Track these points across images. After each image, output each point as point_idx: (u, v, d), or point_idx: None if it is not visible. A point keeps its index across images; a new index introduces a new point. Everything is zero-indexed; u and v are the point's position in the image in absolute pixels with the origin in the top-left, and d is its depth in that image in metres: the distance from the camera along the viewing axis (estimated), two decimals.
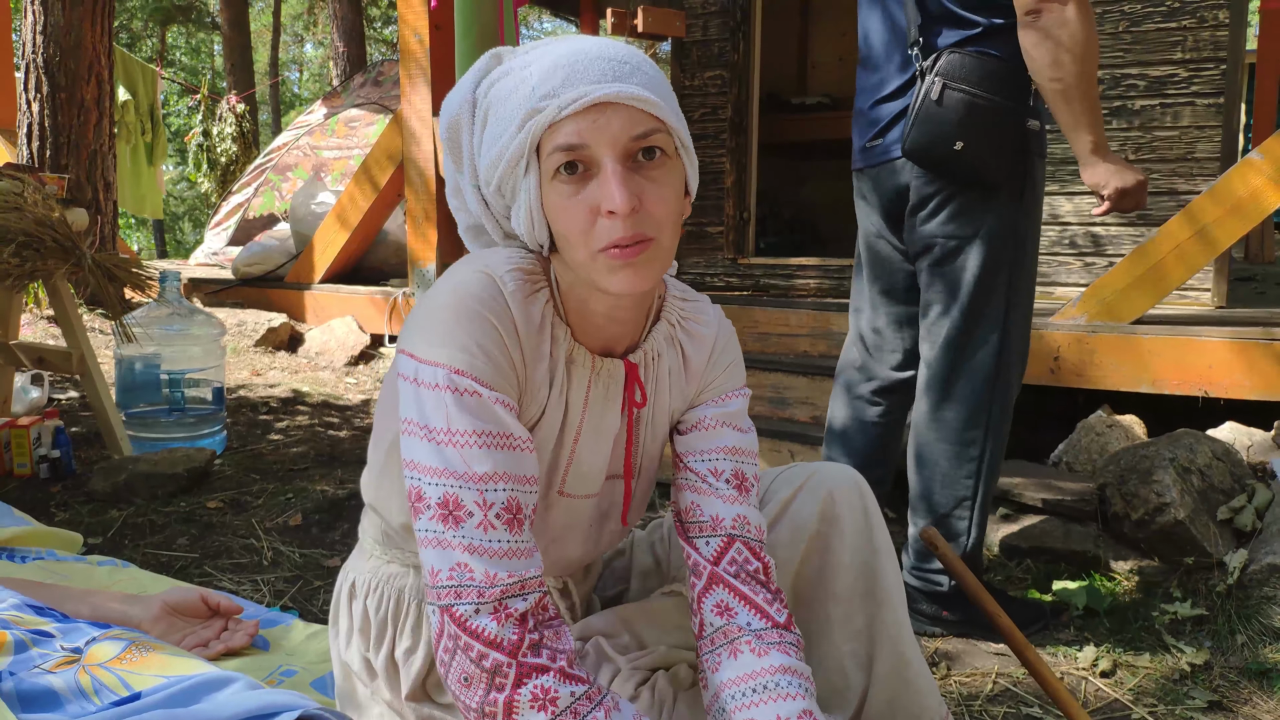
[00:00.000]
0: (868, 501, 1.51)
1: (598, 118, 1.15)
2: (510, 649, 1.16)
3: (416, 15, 5.25)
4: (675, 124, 1.21)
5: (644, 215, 1.17)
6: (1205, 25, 4.50)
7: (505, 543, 1.19)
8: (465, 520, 1.18)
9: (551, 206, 1.20)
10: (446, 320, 1.20)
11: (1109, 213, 2.39)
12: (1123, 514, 2.95)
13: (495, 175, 1.23)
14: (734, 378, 1.46)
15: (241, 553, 2.88)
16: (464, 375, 1.19)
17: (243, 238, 8.54)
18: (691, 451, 1.41)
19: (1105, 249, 4.76)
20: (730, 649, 1.32)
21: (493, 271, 1.23)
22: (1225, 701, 2.26)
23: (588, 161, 1.16)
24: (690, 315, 1.42)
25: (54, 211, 3.34)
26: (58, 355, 3.61)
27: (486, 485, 1.19)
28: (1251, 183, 3.48)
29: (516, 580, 1.18)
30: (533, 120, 1.17)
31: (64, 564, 2.13)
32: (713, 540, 1.37)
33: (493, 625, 1.16)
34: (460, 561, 1.18)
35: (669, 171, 1.20)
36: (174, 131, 18.82)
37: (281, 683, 1.69)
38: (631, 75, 1.18)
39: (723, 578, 1.35)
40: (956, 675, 2.38)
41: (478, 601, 1.17)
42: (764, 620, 1.33)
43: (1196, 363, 3.55)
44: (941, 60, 2.35)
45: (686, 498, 1.40)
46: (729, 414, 1.42)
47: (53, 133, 5.96)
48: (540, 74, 1.18)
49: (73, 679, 1.30)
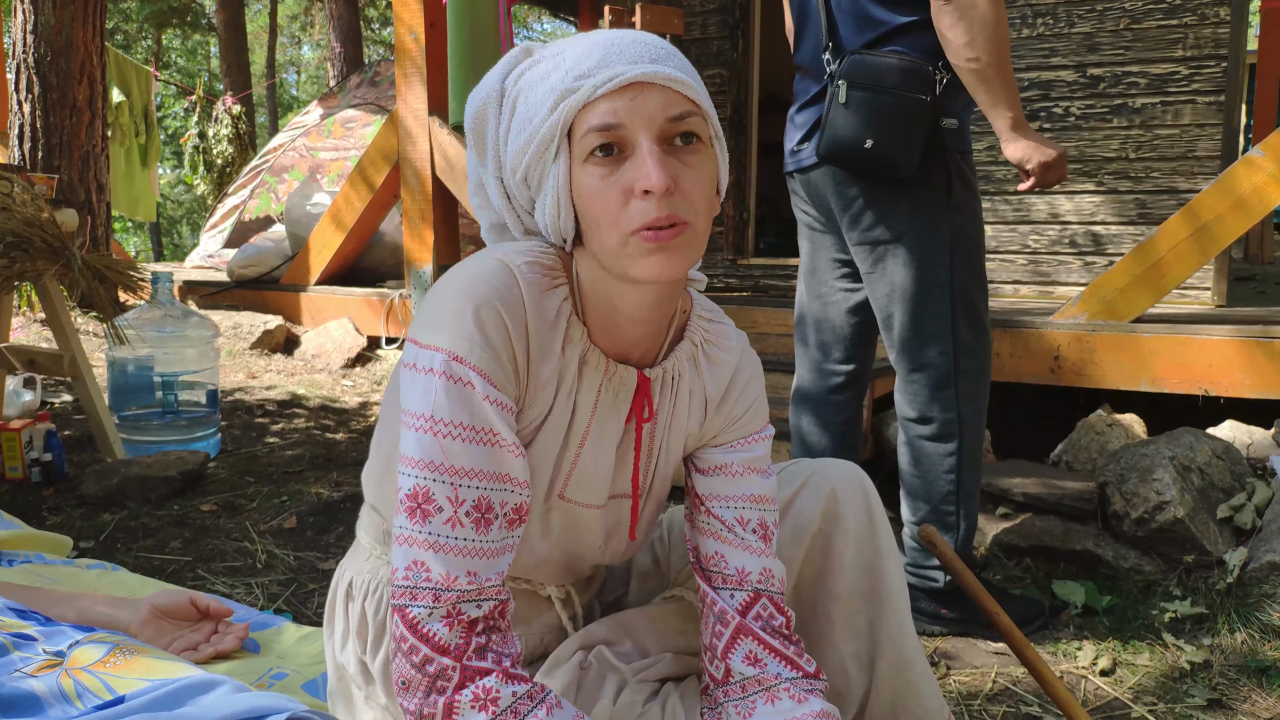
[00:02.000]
0: (871, 500, 1.49)
1: (635, 96, 1.13)
2: (457, 653, 1.14)
3: (412, 14, 5.23)
4: (709, 110, 1.19)
5: (680, 198, 1.14)
6: (1206, 23, 4.49)
7: (469, 541, 1.16)
8: (433, 515, 1.15)
9: (582, 191, 1.17)
10: (455, 306, 1.17)
11: (1034, 188, 2.43)
12: (1123, 512, 2.93)
13: (523, 162, 1.20)
14: (758, 419, 1.42)
15: (235, 556, 2.86)
16: (461, 362, 1.16)
17: (238, 240, 8.52)
18: (715, 496, 1.37)
19: (1105, 248, 4.74)
20: (767, 695, 1.31)
21: (510, 261, 1.20)
22: (1225, 699, 2.24)
23: (623, 143, 1.14)
24: (714, 339, 1.38)
25: (43, 212, 3.32)
26: (49, 358, 3.59)
27: (461, 480, 1.16)
28: (1252, 180, 3.46)
29: (475, 585, 1.16)
30: (566, 101, 1.14)
31: (52, 567, 2.11)
32: (738, 594, 1.34)
33: (444, 630, 1.14)
34: (418, 559, 1.15)
35: (704, 159, 1.18)
36: (170, 134, 18.82)
37: (272, 686, 1.67)
38: (668, 59, 1.16)
39: (751, 630, 1.33)
40: (956, 674, 2.36)
41: (431, 605, 1.14)
42: (796, 671, 1.32)
43: (1196, 361, 3.53)
44: (845, 63, 2.43)
45: (710, 545, 1.36)
46: (754, 459, 1.39)
47: (44, 133, 5.95)
48: (574, 58, 1.16)
49: (55, 683, 1.27)
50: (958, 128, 2.49)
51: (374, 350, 5.63)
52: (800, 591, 1.50)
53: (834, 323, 2.76)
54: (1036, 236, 4.88)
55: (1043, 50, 4.80)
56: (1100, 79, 4.70)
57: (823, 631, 1.49)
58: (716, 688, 1.35)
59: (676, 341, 1.35)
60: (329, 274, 6.11)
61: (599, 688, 1.36)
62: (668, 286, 1.23)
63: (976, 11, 2.28)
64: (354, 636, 1.42)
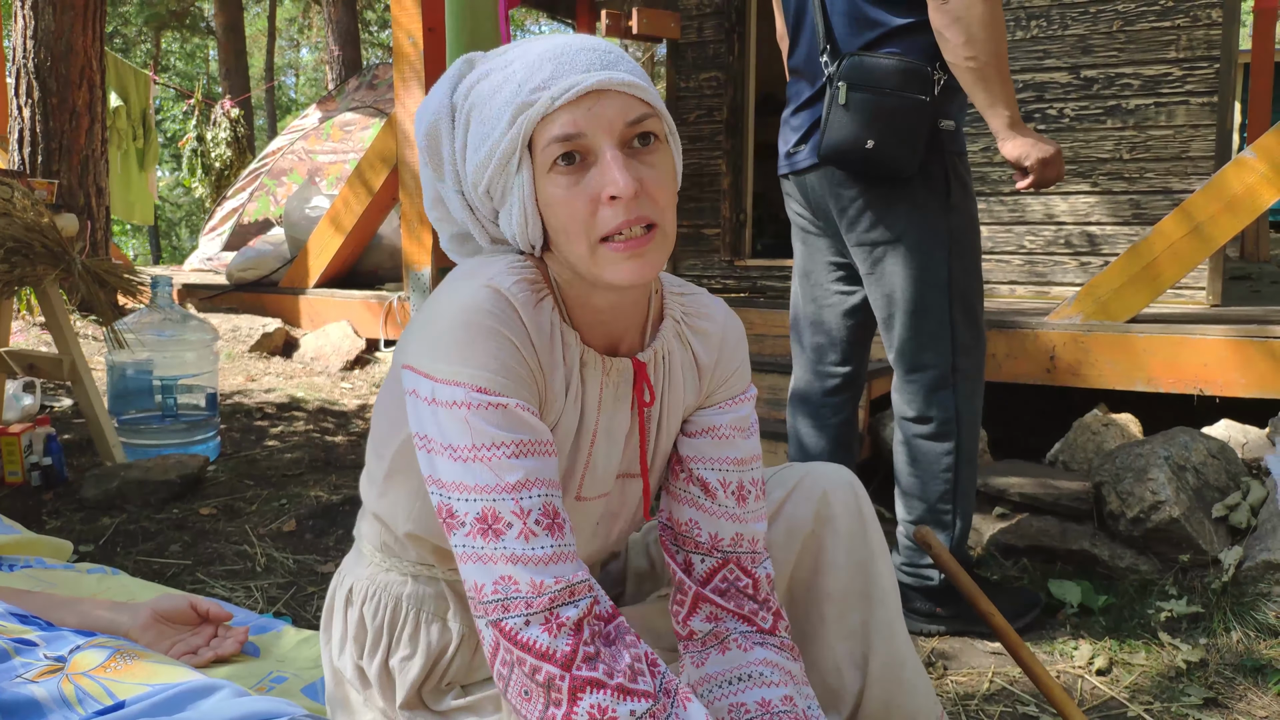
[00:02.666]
0: (862, 502, 1.51)
1: (593, 105, 1.15)
2: (563, 660, 1.13)
3: (410, 18, 5.24)
4: (662, 110, 1.22)
5: (646, 199, 1.16)
6: (1199, 24, 4.50)
7: (549, 548, 1.16)
8: (505, 532, 1.15)
9: (548, 200, 1.18)
10: (462, 339, 1.17)
11: (1031, 186, 2.44)
12: (1118, 512, 2.94)
13: (484, 177, 1.22)
14: (743, 378, 1.45)
15: (234, 559, 2.87)
16: (485, 393, 1.16)
17: (237, 243, 8.52)
18: (700, 459, 1.39)
19: (1100, 248, 4.75)
20: (720, 647, 1.35)
21: (498, 285, 1.20)
22: (1221, 698, 2.25)
23: (585, 151, 1.16)
24: (693, 310, 1.40)
25: (43, 217, 3.33)
26: (49, 362, 3.60)
27: (521, 493, 1.16)
28: (1246, 180, 3.48)
29: (564, 586, 1.15)
30: (524, 115, 1.16)
31: (52, 572, 2.12)
32: (707, 560, 1.36)
33: (544, 637, 1.13)
34: (504, 575, 1.15)
35: (663, 156, 1.21)
36: (169, 137, 18.82)
37: (272, 690, 1.68)
38: (618, 64, 1.18)
39: (708, 598, 1.36)
40: (953, 675, 2.37)
41: (526, 613, 1.14)
42: (749, 625, 1.36)
43: (1191, 361, 3.54)
44: (845, 64, 2.45)
45: (685, 512, 1.38)
46: (739, 419, 1.41)
47: (44, 138, 5.95)
48: (525, 69, 1.17)
49: (55, 688, 1.29)
50: (954, 129, 2.51)
51: (373, 353, 5.64)
52: (793, 592, 1.52)
53: (829, 325, 2.77)
54: (1032, 237, 4.90)
55: (1036, 52, 4.81)
56: (1094, 80, 4.71)
57: (816, 631, 1.51)
58: (680, 644, 1.39)
59: (659, 321, 1.37)
60: (328, 277, 6.12)
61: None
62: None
63: (974, 11, 2.31)
64: (351, 641, 1.42)
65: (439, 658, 1.39)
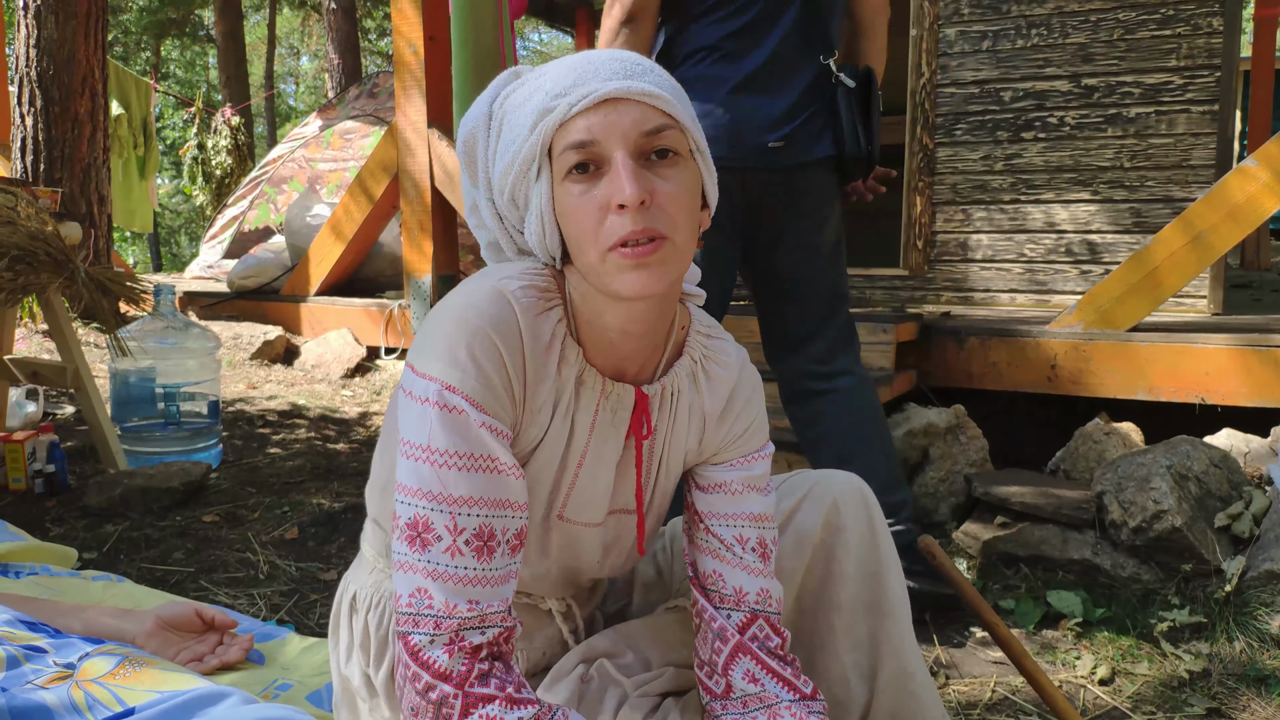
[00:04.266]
0: (873, 511, 1.50)
1: (609, 113, 1.14)
2: (458, 680, 1.14)
3: (411, 26, 5.25)
4: (689, 124, 1.19)
5: (656, 211, 1.14)
6: (1199, 32, 4.51)
7: (471, 570, 1.16)
8: (433, 544, 1.16)
9: (564, 209, 1.17)
10: (449, 334, 1.18)
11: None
12: (1120, 521, 2.95)
13: (508, 183, 1.22)
14: (758, 436, 1.42)
15: (237, 566, 2.87)
16: (454, 392, 1.16)
17: (238, 251, 8.52)
18: (715, 514, 1.38)
19: (1101, 257, 4.76)
20: (769, 713, 1.32)
21: (504, 287, 1.20)
22: (1224, 708, 2.25)
23: (599, 159, 1.15)
24: (713, 355, 1.37)
25: (47, 225, 3.34)
26: (52, 370, 3.60)
27: (460, 509, 1.16)
28: (1247, 189, 3.48)
29: (476, 613, 1.16)
30: (544, 120, 1.16)
31: (58, 579, 2.12)
32: (735, 614, 1.35)
33: (444, 658, 1.14)
34: (421, 587, 1.16)
35: (683, 171, 1.18)
36: (169, 145, 18.83)
37: (277, 697, 1.69)
38: (644, 75, 1.17)
39: (749, 649, 1.35)
40: (955, 684, 2.37)
41: (433, 632, 1.15)
42: (793, 693, 1.34)
43: (1193, 370, 3.55)
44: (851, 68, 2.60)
45: (708, 564, 1.37)
46: (754, 477, 1.39)
47: (46, 146, 5.97)
48: (554, 79, 1.18)
49: (66, 695, 1.29)
50: None
51: (374, 360, 5.64)
52: (802, 602, 1.51)
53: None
54: (1032, 245, 4.90)
55: (1037, 61, 4.82)
56: (1095, 89, 4.72)
57: (824, 642, 1.50)
58: (715, 700, 1.36)
59: (675, 357, 1.35)
60: (328, 285, 6.13)
61: (600, 702, 1.37)
62: (657, 301, 1.23)
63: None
64: (358, 649, 1.42)
65: None
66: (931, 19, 5.03)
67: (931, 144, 5.09)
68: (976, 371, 3.94)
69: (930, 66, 5.06)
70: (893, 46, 6.95)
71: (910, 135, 5.17)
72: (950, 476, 3.48)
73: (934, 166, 5.10)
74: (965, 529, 3.21)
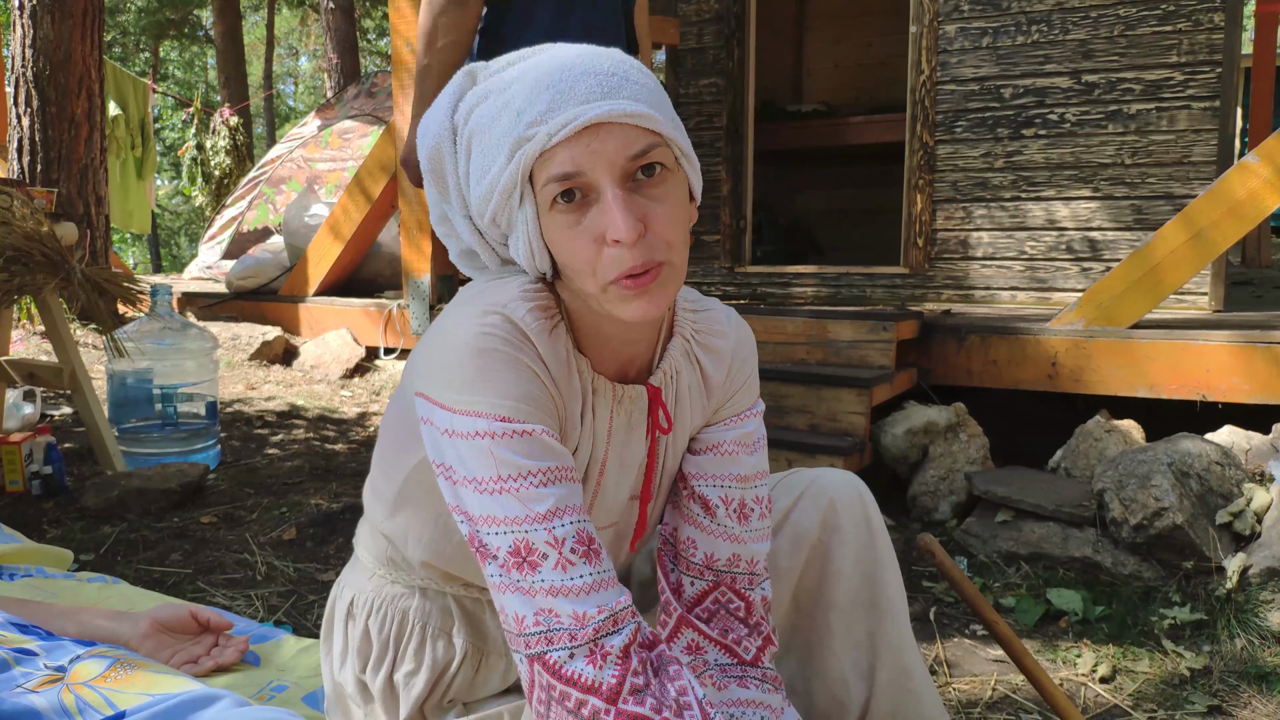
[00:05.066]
0: (870, 510, 1.50)
1: (591, 141, 1.08)
2: (609, 694, 1.08)
3: (409, 25, 5.24)
4: (673, 134, 1.14)
5: (651, 239, 1.10)
6: (1200, 29, 4.50)
7: (588, 576, 1.12)
8: (541, 564, 1.11)
9: (553, 237, 1.14)
10: (481, 368, 1.13)
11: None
12: (1121, 519, 2.93)
13: (489, 208, 1.17)
14: (751, 392, 1.40)
15: (235, 568, 2.86)
16: (508, 421, 1.12)
17: (237, 251, 8.53)
18: (702, 475, 1.36)
19: (1102, 254, 4.75)
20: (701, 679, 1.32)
21: (511, 313, 1.16)
22: (1225, 706, 2.24)
23: (585, 188, 1.10)
24: (704, 327, 1.36)
25: (43, 226, 3.33)
26: (49, 371, 3.60)
27: (553, 522, 1.12)
28: (1248, 185, 3.47)
29: (608, 615, 1.11)
30: (521, 150, 1.10)
31: (53, 581, 2.11)
32: (698, 582, 1.34)
33: (589, 669, 1.09)
34: (545, 607, 1.11)
35: (672, 186, 1.14)
36: (168, 146, 18.83)
37: (272, 699, 1.68)
38: (621, 89, 1.10)
39: (692, 623, 1.33)
40: (956, 682, 2.36)
41: (571, 645, 1.10)
42: (730, 657, 1.32)
43: (1194, 367, 3.54)
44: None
45: (685, 530, 1.36)
46: (745, 435, 1.37)
47: (43, 147, 5.96)
48: (524, 96, 1.11)
49: (56, 698, 1.28)
50: None
51: (372, 360, 5.63)
52: (799, 601, 1.51)
53: None
54: (1033, 243, 4.89)
55: (1038, 57, 4.81)
56: (1095, 85, 4.71)
57: (822, 641, 1.50)
58: None
59: (668, 339, 1.33)
60: (327, 285, 6.12)
61: None
62: None
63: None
64: (354, 655, 1.40)
65: (443, 674, 1.37)
66: (931, 16, 5.02)
67: (932, 141, 5.08)
68: (977, 369, 3.93)
69: (930, 63, 5.05)
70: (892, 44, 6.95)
71: (910, 133, 5.16)
72: (950, 475, 3.47)
73: (934, 164, 5.09)
74: (966, 527, 3.20)
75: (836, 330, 3.86)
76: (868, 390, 3.51)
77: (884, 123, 6.31)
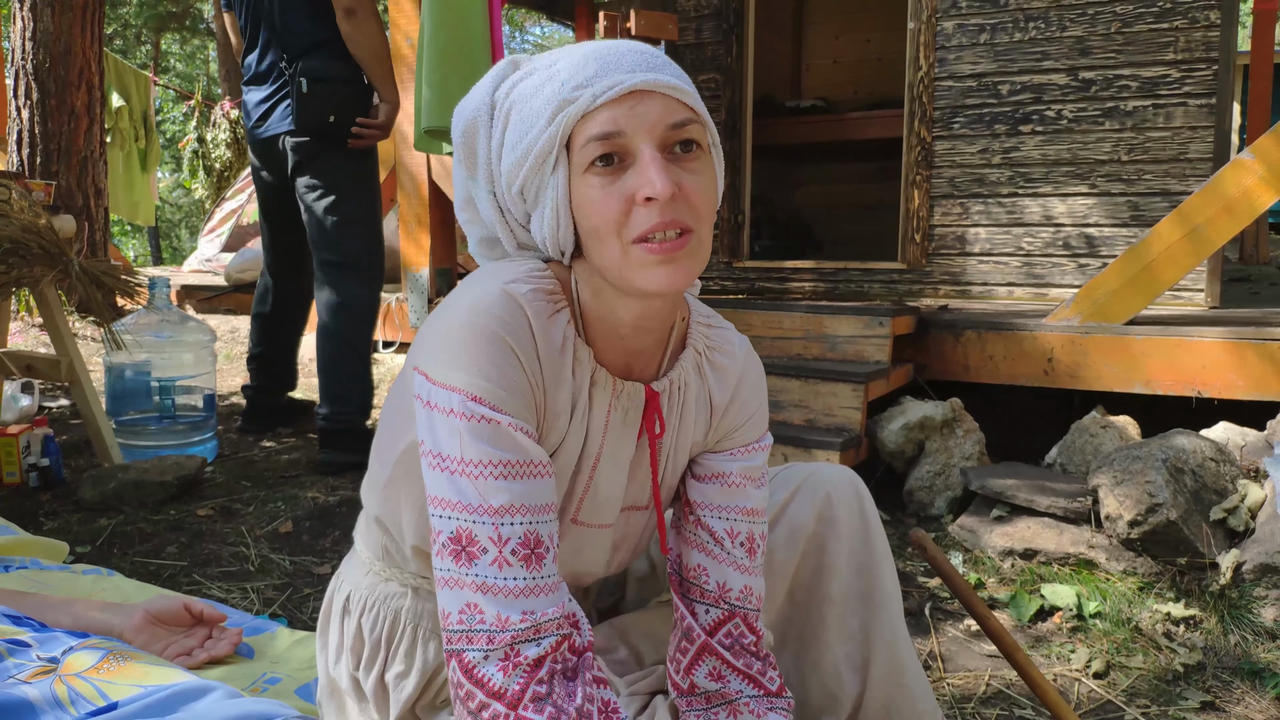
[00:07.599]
0: (865, 504, 1.50)
1: (635, 104, 1.11)
2: (511, 700, 1.09)
3: (408, 19, 5.23)
4: (708, 119, 1.18)
5: (683, 204, 1.12)
6: (1197, 26, 4.50)
7: (521, 580, 1.12)
8: (479, 557, 1.12)
9: (583, 202, 1.14)
10: (464, 341, 1.14)
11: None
12: (1116, 514, 2.94)
13: (520, 175, 1.18)
14: (759, 426, 1.40)
15: (231, 560, 2.86)
16: (480, 402, 1.13)
17: (236, 244, 8.52)
18: (708, 505, 1.35)
19: (1099, 250, 4.75)
20: (729, 709, 1.32)
21: (513, 290, 1.17)
22: (1218, 702, 2.25)
23: (623, 151, 1.12)
24: (716, 344, 1.36)
25: (40, 218, 3.33)
26: (47, 363, 3.60)
27: (502, 519, 1.12)
28: (1243, 182, 3.47)
29: (530, 624, 1.11)
30: (565, 111, 1.13)
31: (48, 573, 2.12)
32: (713, 610, 1.34)
33: (499, 675, 1.10)
34: (471, 602, 1.11)
35: (705, 165, 1.17)
36: (168, 138, 18.81)
37: (265, 690, 1.68)
38: (664, 67, 1.15)
39: (716, 650, 1.33)
40: (949, 677, 2.37)
41: (487, 648, 1.10)
42: (758, 689, 1.34)
43: (1189, 363, 3.54)
44: (301, 63, 3.55)
45: (694, 557, 1.35)
46: (752, 469, 1.37)
47: (43, 139, 5.96)
48: (570, 68, 1.15)
49: (48, 689, 1.28)
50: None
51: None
52: (794, 594, 1.51)
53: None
54: (1030, 239, 4.89)
55: (1034, 54, 4.81)
56: (1092, 82, 4.71)
57: (816, 634, 1.50)
58: (681, 697, 1.36)
59: (679, 350, 1.33)
60: None
61: None
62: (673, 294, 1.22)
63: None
64: (348, 652, 1.40)
65: (434, 675, 1.37)
66: (929, 12, 5.02)
67: (929, 137, 5.08)
68: (973, 365, 3.94)
69: (928, 60, 5.05)
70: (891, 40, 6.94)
71: (908, 129, 5.16)
72: (946, 470, 3.48)
73: (932, 160, 5.09)
74: (961, 522, 3.21)
75: (834, 325, 3.87)
76: (864, 385, 3.52)
77: (882, 118, 6.31)
